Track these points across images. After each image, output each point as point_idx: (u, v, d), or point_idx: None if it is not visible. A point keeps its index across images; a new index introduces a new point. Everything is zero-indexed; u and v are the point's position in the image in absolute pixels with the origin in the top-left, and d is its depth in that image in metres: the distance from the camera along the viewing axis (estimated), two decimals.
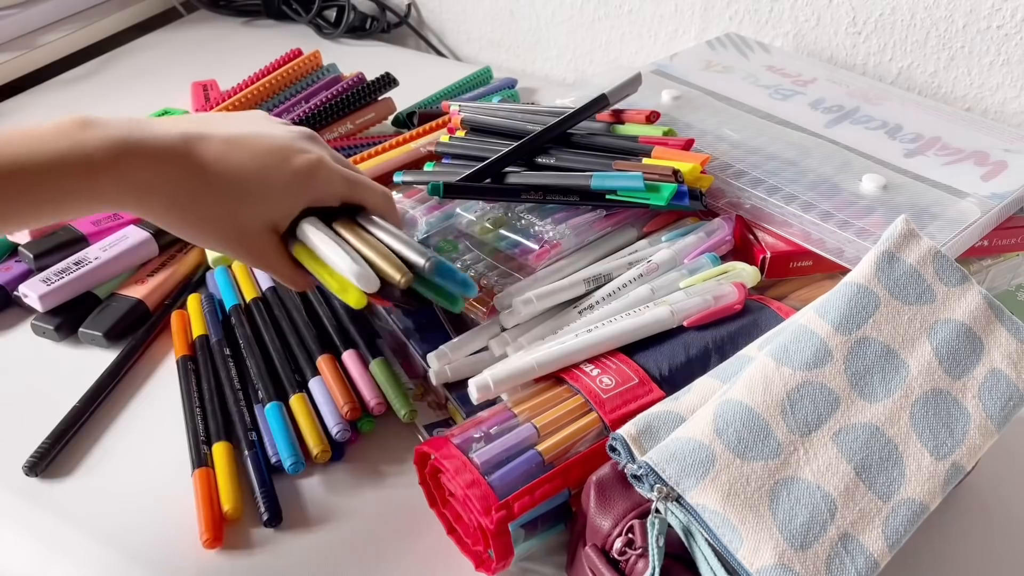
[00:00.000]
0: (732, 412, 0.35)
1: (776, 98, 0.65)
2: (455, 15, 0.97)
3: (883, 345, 0.38)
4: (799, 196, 0.53)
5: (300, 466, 0.44)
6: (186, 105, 0.78)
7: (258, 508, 0.43)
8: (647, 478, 0.34)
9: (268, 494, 0.43)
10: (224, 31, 0.98)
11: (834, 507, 0.34)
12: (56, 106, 0.82)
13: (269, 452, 0.45)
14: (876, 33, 0.75)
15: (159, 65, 0.89)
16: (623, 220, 0.54)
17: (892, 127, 0.61)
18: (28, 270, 0.56)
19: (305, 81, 0.70)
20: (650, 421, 0.36)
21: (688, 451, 0.34)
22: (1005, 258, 0.57)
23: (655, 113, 0.58)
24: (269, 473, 0.45)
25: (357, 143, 0.65)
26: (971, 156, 0.57)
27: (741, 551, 0.32)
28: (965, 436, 0.37)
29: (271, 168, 0.41)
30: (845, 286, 0.39)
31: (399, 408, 0.47)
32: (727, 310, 0.46)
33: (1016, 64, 0.70)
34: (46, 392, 0.50)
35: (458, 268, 0.44)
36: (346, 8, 0.92)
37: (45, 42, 0.87)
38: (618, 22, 0.87)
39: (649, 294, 0.48)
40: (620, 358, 0.43)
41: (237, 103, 0.64)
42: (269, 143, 0.42)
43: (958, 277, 0.40)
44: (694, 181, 0.51)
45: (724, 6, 0.80)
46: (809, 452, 0.35)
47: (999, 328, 0.39)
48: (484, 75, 0.82)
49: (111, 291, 0.55)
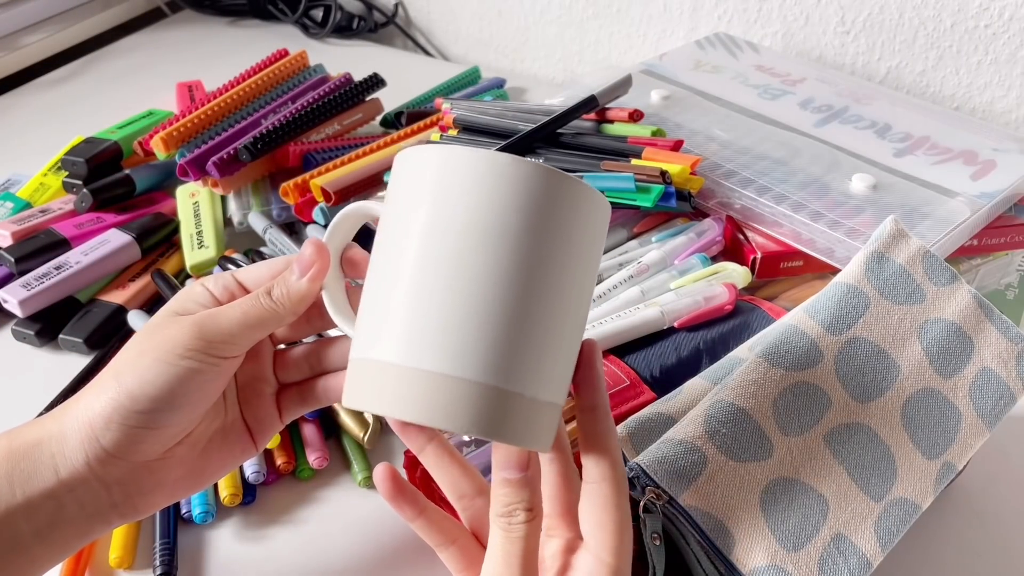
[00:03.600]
0: (723, 413, 0.35)
1: (765, 98, 0.65)
2: (443, 15, 0.96)
3: (873, 345, 0.38)
4: (789, 196, 0.53)
5: (210, 516, 0.41)
6: (171, 106, 0.78)
7: (153, 561, 0.39)
8: (638, 481, 0.33)
9: (166, 547, 0.39)
10: (209, 31, 0.97)
11: (826, 507, 0.34)
12: (40, 107, 0.81)
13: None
14: (865, 32, 0.75)
15: (144, 66, 0.88)
16: (613, 221, 0.54)
17: (881, 127, 0.61)
18: (9, 274, 0.55)
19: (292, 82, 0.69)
20: (641, 423, 0.36)
21: (679, 453, 0.34)
22: (994, 257, 0.57)
23: (638, 112, 0.57)
24: (175, 522, 0.41)
25: (345, 144, 0.65)
26: (960, 155, 0.57)
27: (734, 553, 0.32)
28: (956, 435, 0.37)
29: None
30: (835, 286, 0.39)
31: (355, 472, 0.43)
32: (718, 311, 0.46)
33: (1004, 63, 0.70)
34: (26, 398, 0.49)
35: None
36: (333, 8, 0.91)
37: (28, 43, 0.86)
38: (607, 21, 0.87)
39: (639, 295, 0.47)
40: (611, 360, 0.43)
41: (223, 104, 0.64)
42: None
43: (948, 276, 0.40)
44: (684, 182, 0.51)
45: (713, 5, 0.80)
46: (801, 453, 0.35)
47: (989, 327, 0.39)
48: (472, 75, 0.81)
49: (92, 296, 0.55)
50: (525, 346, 0.26)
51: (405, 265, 0.27)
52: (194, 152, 0.59)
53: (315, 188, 0.57)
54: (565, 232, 0.27)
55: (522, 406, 0.26)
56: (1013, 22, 0.68)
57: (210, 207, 0.60)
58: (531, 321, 0.26)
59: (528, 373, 0.26)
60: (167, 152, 0.60)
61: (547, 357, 0.27)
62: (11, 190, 0.64)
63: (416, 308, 0.26)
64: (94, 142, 0.63)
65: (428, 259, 0.26)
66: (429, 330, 0.26)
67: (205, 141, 0.61)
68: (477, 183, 0.26)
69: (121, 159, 0.64)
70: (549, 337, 0.27)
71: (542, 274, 0.26)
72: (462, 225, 0.26)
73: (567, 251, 0.27)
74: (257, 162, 0.61)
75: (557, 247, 0.27)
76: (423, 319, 0.26)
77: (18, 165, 0.69)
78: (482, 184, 0.26)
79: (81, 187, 0.59)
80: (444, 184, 0.27)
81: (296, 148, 0.62)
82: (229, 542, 0.41)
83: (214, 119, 0.63)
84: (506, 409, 0.26)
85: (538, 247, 0.26)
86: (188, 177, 0.59)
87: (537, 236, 0.26)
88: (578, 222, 0.28)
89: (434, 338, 0.26)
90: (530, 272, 0.26)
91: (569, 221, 0.27)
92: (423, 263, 0.26)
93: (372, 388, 0.27)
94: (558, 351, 0.27)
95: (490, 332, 0.26)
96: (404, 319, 0.26)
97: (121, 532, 0.40)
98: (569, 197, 0.27)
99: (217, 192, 0.61)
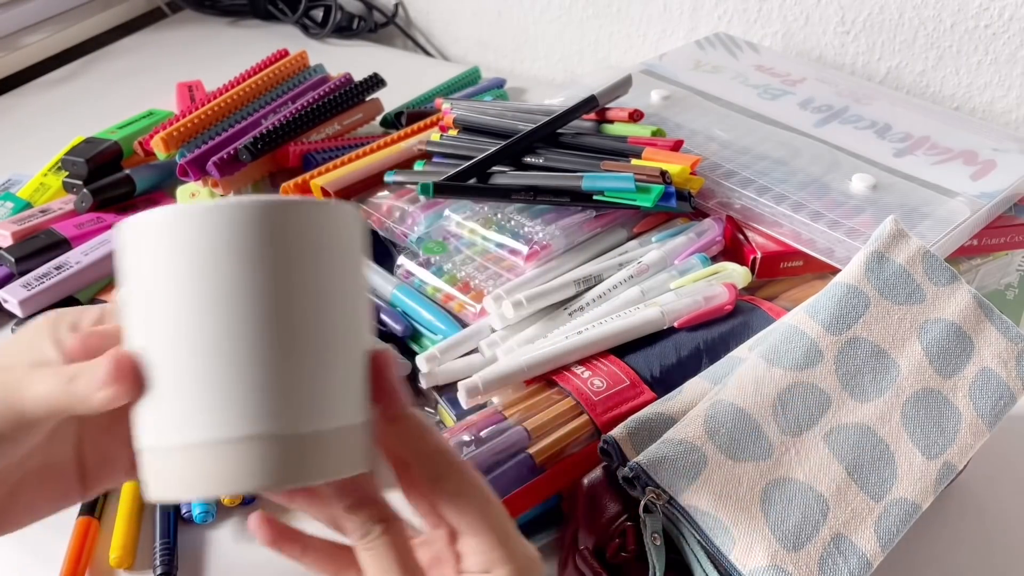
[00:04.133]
0: (723, 413, 0.35)
1: (765, 98, 0.65)
2: (442, 15, 0.96)
3: (873, 345, 0.38)
4: (789, 196, 0.53)
5: (210, 516, 0.41)
6: (172, 106, 0.78)
7: (153, 561, 0.39)
8: (638, 480, 0.33)
9: (167, 547, 0.39)
10: (210, 31, 0.97)
11: (826, 507, 0.34)
12: (40, 107, 0.81)
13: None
14: (865, 32, 0.75)
15: (144, 66, 0.88)
16: (613, 221, 0.54)
17: (881, 127, 0.61)
18: (9, 274, 0.55)
19: (292, 82, 0.69)
20: (641, 423, 0.36)
21: (679, 453, 0.34)
22: (994, 257, 0.57)
23: (638, 112, 0.57)
24: (176, 522, 0.41)
25: (345, 144, 0.65)
26: (960, 155, 0.57)
27: (734, 552, 0.32)
28: (956, 435, 0.37)
29: None
30: (835, 286, 0.39)
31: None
32: (718, 311, 0.46)
33: (1004, 63, 0.70)
34: None
35: None
36: (333, 8, 0.91)
37: (28, 43, 0.86)
38: (607, 21, 0.87)
39: (639, 295, 0.47)
40: (611, 360, 0.43)
41: (223, 104, 0.64)
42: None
43: (947, 276, 0.40)
44: (684, 182, 0.51)
45: (713, 5, 0.80)
46: (801, 452, 0.35)
47: (989, 327, 0.39)
48: (472, 75, 0.81)
49: (92, 296, 0.55)
50: (296, 386, 0.25)
51: (146, 347, 0.25)
52: (194, 152, 0.59)
53: (315, 188, 0.57)
54: (292, 262, 0.25)
55: (318, 443, 0.25)
56: (1013, 22, 0.68)
57: None
58: (292, 360, 0.25)
59: (310, 409, 0.25)
60: (167, 152, 0.60)
61: (326, 387, 0.25)
62: (11, 190, 0.64)
63: (173, 385, 0.24)
64: (94, 142, 0.63)
65: (163, 334, 0.25)
66: (196, 402, 0.24)
67: (205, 141, 0.61)
68: (184, 243, 0.24)
69: (121, 159, 0.64)
70: (321, 368, 0.25)
71: (286, 312, 0.25)
72: (187, 292, 0.24)
73: (304, 278, 0.25)
74: (257, 162, 0.61)
75: (291, 278, 0.25)
76: (187, 393, 0.24)
77: (18, 165, 0.69)
78: (187, 242, 0.24)
79: (81, 187, 0.59)
80: (158, 254, 0.24)
81: (296, 148, 0.62)
82: (229, 542, 0.41)
83: (214, 119, 0.63)
84: (301, 452, 0.25)
85: (271, 285, 0.24)
86: (188, 177, 0.59)
87: (265, 275, 0.24)
88: (302, 247, 0.25)
89: (202, 408, 0.24)
90: (271, 315, 0.24)
91: (292, 250, 0.25)
92: (160, 340, 0.25)
93: (156, 479, 0.25)
94: (335, 377, 0.26)
95: (254, 384, 0.24)
96: (169, 399, 0.25)
97: (121, 532, 0.41)
98: (284, 223, 0.25)
99: (217, 192, 0.61)
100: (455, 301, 0.49)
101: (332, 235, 0.26)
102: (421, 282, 0.51)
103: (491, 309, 0.47)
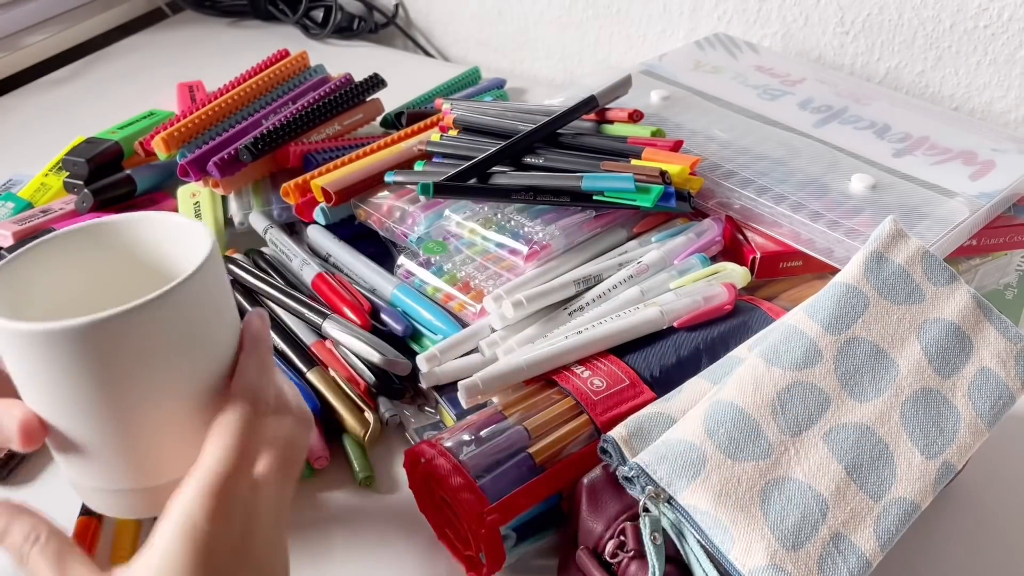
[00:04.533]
0: (723, 413, 0.35)
1: (765, 98, 0.65)
2: (443, 15, 0.97)
3: (873, 345, 0.38)
4: (789, 196, 0.53)
5: None
6: (172, 106, 0.78)
7: None
8: (638, 480, 0.33)
9: None
10: (210, 32, 0.97)
11: (825, 507, 0.34)
12: (41, 108, 0.81)
13: None
14: (864, 33, 0.75)
15: (145, 66, 0.89)
16: (613, 221, 0.54)
17: (880, 127, 0.61)
18: None
19: (292, 82, 0.69)
20: (641, 423, 0.36)
21: (679, 452, 0.34)
22: (993, 257, 0.57)
23: (638, 112, 0.58)
24: None
25: (345, 144, 0.65)
26: (959, 155, 0.57)
27: (733, 552, 0.32)
28: (955, 435, 0.37)
29: None
30: (834, 286, 0.39)
31: (356, 472, 0.44)
32: (717, 311, 0.46)
33: (1003, 63, 0.71)
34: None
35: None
36: (333, 8, 0.92)
37: (29, 43, 0.86)
38: (607, 22, 0.87)
39: (639, 295, 0.48)
40: (611, 359, 0.43)
41: (223, 104, 0.64)
42: None
43: (947, 276, 0.40)
44: (684, 183, 0.51)
45: (713, 6, 0.80)
46: (800, 452, 0.35)
47: (988, 327, 0.39)
48: (472, 76, 0.82)
49: None
50: (139, 459, 0.32)
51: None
52: (195, 152, 0.59)
53: (316, 188, 0.57)
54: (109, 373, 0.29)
55: (167, 489, 0.30)
56: (1012, 22, 0.68)
57: (211, 207, 0.60)
58: (130, 442, 0.31)
59: (152, 472, 0.32)
60: (168, 152, 0.60)
61: (161, 456, 0.32)
62: (12, 190, 0.64)
63: (62, 448, 0.32)
64: (95, 142, 0.63)
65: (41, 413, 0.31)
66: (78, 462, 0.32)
67: (206, 141, 0.61)
68: (15, 357, 0.29)
69: (122, 159, 0.64)
70: (155, 444, 0.31)
71: (118, 411, 0.30)
72: (33, 392, 0.30)
73: (123, 385, 0.30)
74: (258, 162, 0.61)
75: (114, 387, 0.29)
76: (70, 455, 0.32)
77: (19, 165, 0.69)
78: (17, 358, 0.29)
79: (82, 187, 0.60)
80: (9, 357, 0.30)
81: (297, 148, 0.62)
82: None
83: (215, 119, 0.63)
84: (155, 497, 0.32)
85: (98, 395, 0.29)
86: (189, 177, 0.59)
87: (91, 386, 0.29)
88: (121, 357, 0.29)
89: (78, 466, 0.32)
90: (100, 416, 0.30)
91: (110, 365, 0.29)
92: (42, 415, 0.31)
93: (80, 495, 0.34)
94: (170, 446, 0.32)
95: (108, 459, 0.31)
96: (61, 454, 0.32)
97: (122, 532, 0.41)
98: (98, 342, 0.28)
99: (218, 192, 0.61)
100: (455, 301, 0.49)
101: (158, 333, 0.29)
102: (421, 282, 0.51)
103: (491, 309, 0.47)
